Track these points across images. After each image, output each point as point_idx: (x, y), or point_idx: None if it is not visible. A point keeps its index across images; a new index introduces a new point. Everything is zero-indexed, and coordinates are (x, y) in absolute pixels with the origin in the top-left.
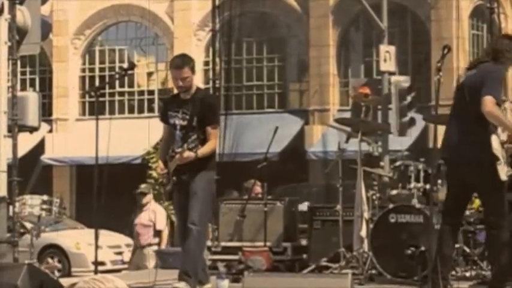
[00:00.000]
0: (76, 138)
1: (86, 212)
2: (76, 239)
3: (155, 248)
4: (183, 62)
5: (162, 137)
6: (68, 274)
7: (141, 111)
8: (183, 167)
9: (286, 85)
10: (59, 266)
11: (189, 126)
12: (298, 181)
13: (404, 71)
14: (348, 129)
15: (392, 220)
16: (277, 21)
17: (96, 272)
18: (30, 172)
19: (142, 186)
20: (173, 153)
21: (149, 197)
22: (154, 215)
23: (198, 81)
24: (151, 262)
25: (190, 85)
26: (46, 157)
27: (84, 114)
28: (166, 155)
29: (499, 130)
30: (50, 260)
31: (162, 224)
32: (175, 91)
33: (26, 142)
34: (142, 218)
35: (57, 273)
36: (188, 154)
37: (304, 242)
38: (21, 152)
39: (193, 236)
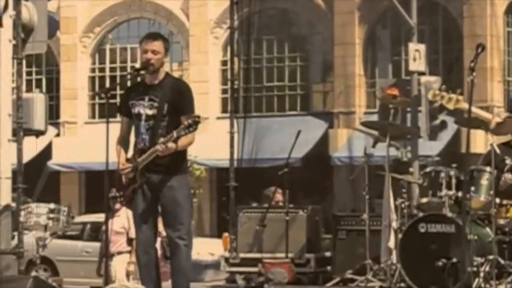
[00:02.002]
0: (85, 143)
1: None
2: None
3: (125, 256)
4: (158, 35)
5: (120, 133)
6: None
7: None
8: (156, 165)
9: (309, 86)
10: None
11: (158, 115)
12: (322, 188)
13: (435, 70)
14: (375, 133)
15: (422, 230)
16: (299, 18)
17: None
18: (37, 179)
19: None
20: (144, 147)
21: None
22: (128, 221)
23: (215, 81)
24: (120, 272)
25: (160, 64)
26: (53, 163)
27: (93, 117)
28: (125, 151)
29: None
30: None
31: None
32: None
33: (32, 147)
34: (115, 224)
35: None
36: (172, 145)
37: (328, 253)
38: (26, 158)
39: (183, 253)
